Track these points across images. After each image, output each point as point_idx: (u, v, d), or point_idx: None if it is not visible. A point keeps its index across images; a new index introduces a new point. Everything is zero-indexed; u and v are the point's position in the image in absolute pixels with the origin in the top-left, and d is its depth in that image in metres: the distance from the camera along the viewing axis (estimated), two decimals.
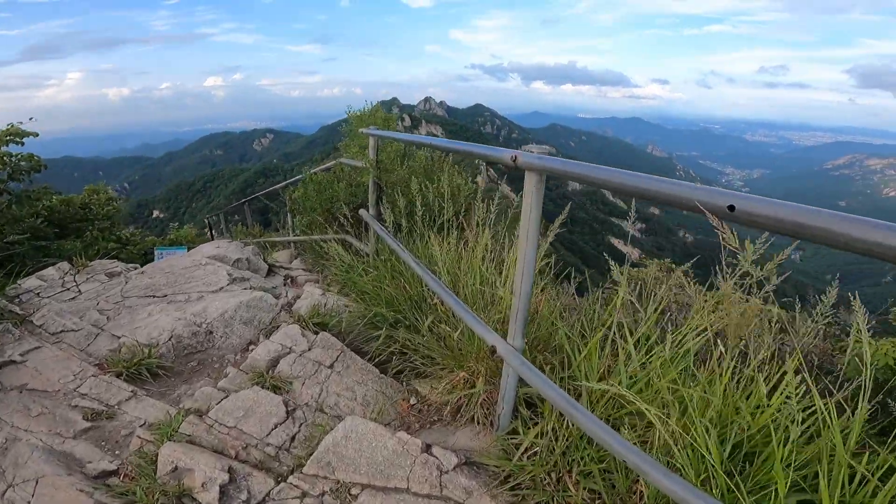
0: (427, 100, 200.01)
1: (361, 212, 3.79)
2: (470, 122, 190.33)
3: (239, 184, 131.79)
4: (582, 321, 2.47)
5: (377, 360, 2.98)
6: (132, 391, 2.74)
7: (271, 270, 4.69)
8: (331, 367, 2.80)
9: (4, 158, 5.26)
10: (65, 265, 4.17)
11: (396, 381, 2.89)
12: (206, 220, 12.40)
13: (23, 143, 5.20)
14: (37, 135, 5.21)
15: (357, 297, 3.32)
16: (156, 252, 8.77)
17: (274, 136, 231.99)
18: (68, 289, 3.71)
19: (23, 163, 5.45)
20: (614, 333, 2.21)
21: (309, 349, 2.86)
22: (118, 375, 2.83)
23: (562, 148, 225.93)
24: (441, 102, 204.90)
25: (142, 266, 4.66)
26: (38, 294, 3.62)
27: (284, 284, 4.36)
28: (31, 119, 5.29)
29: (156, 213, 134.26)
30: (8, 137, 5.26)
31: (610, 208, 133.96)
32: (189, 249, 11.64)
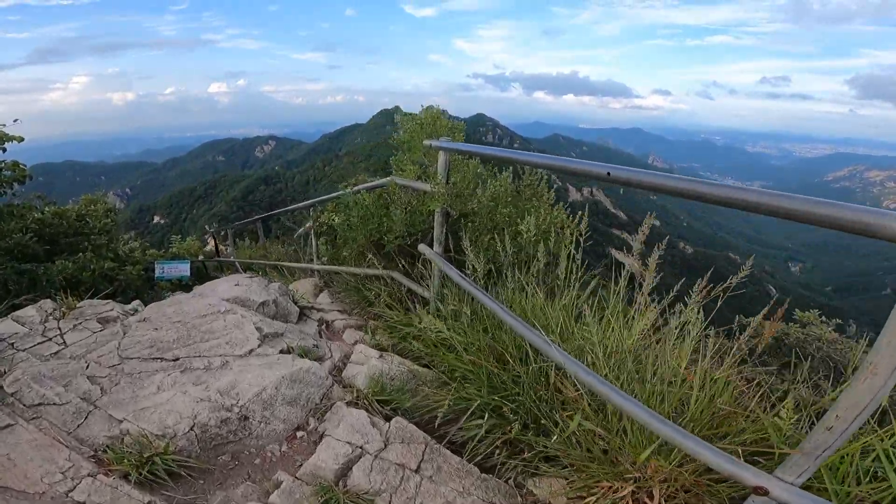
0: (428, 108, 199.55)
1: (423, 248, 3.01)
2: (472, 132, 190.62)
3: (240, 190, 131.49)
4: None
5: (471, 448, 2.19)
6: (149, 503, 1.95)
7: (302, 313, 3.89)
8: (417, 470, 2.00)
9: None
10: (47, 304, 3.36)
11: (502, 478, 2.11)
12: (211, 233, 11.63)
13: (4, 149, 4.38)
14: (21, 139, 4.40)
15: (443, 371, 2.54)
16: (156, 266, 8.15)
17: (276, 143, 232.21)
18: (50, 338, 2.89)
19: (5, 172, 4.63)
20: None
21: (385, 446, 2.07)
22: (125, 476, 2.04)
23: None
24: (443, 111, 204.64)
25: (143, 304, 3.87)
26: (12, 345, 2.82)
27: (320, 334, 3.54)
28: (15, 121, 4.52)
29: (157, 218, 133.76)
30: None
31: (611, 220, 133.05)
32: (192, 263, 10.86)
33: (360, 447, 2.03)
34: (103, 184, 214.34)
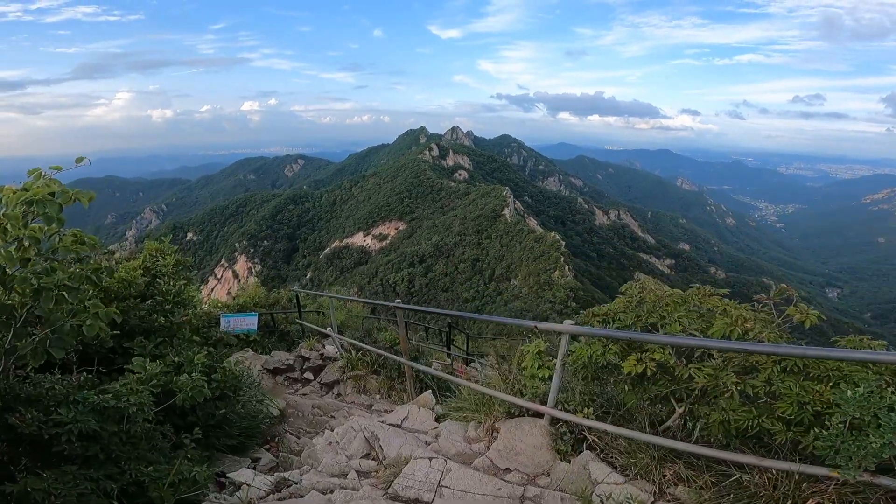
0: (454, 129, 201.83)
1: None
2: (497, 153, 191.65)
3: (270, 209, 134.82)
4: None
5: None
6: None
7: None
8: None
9: (28, 245, 2.50)
10: None
11: None
12: (296, 291, 10.93)
13: (61, 222, 2.53)
14: (92, 197, 2.67)
15: None
16: (222, 319, 7.27)
17: (305, 163, 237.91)
18: None
19: (67, 253, 2.70)
20: None
21: None
22: None
23: (589, 181, 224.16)
24: (468, 132, 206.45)
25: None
26: None
27: None
28: (80, 160, 2.73)
29: (189, 235, 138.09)
30: (26, 206, 2.40)
31: (639, 244, 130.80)
32: (260, 315, 9.09)
33: None
34: (140, 200, 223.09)
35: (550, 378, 3.39)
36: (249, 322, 7.89)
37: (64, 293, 2.66)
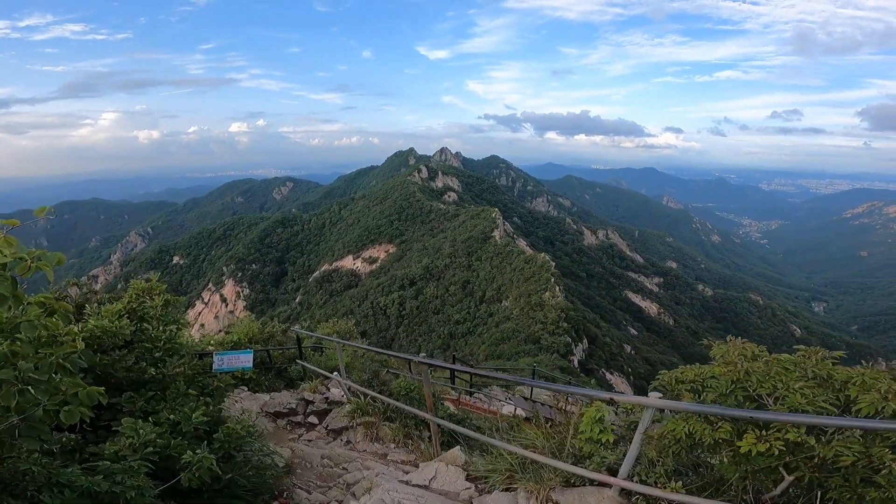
0: (443, 150, 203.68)
1: None
2: (485, 174, 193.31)
3: (258, 232, 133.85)
4: None
5: None
6: None
7: None
8: None
9: None
10: None
11: None
12: (296, 335, 9.94)
13: (18, 298, 2.07)
14: (61, 261, 2.17)
15: None
16: (215, 357, 6.99)
17: (293, 185, 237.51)
18: None
19: (32, 330, 2.35)
20: None
21: None
22: None
23: (577, 201, 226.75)
24: (457, 153, 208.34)
25: None
26: None
27: None
28: (42, 212, 2.23)
29: (176, 258, 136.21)
30: None
31: (627, 263, 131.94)
32: (255, 353, 8.54)
33: None
34: (126, 222, 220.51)
35: (612, 443, 3.17)
36: (244, 359, 7.49)
37: (29, 387, 2.21)
